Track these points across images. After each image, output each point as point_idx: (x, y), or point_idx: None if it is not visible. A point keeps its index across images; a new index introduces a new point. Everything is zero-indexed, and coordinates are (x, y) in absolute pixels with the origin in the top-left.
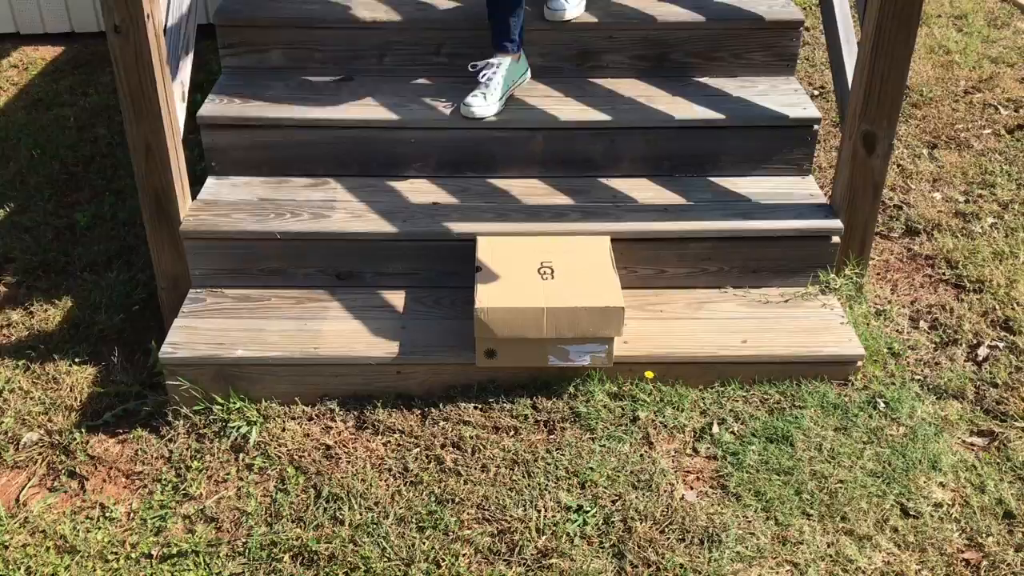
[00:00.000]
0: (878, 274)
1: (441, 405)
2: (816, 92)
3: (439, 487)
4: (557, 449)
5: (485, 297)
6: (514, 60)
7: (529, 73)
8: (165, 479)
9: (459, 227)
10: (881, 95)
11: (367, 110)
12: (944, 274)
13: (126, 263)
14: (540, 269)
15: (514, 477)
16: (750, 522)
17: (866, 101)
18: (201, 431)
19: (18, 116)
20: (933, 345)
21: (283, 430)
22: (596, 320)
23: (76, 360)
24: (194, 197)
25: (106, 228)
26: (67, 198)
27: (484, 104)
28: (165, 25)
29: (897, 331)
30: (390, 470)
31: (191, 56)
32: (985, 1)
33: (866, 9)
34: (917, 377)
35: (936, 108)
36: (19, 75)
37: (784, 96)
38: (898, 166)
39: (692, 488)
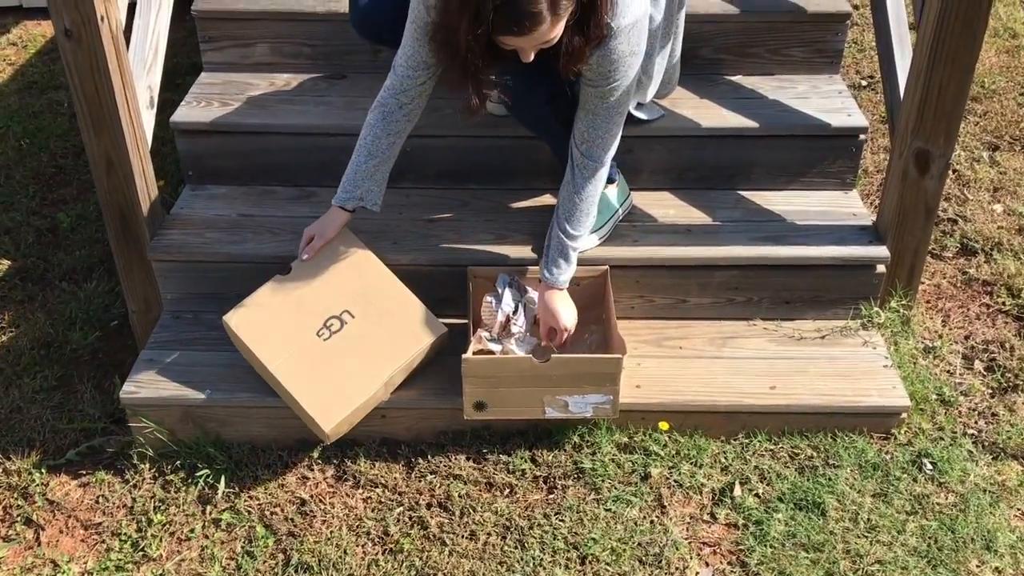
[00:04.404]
0: (927, 301)
1: (429, 455)
2: (864, 82)
3: (420, 558)
4: (556, 514)
5: (470, 349)
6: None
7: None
8: (125, 534)
9: (454, 251)
10: (938, 108)
11: (359, 115)
12: (1004, 304)
13: (107, 271)
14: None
15: (506, 548)
16: None
17: (920, 115)
18: (168, 477)
19: (10, 100)
20: (989, 391)
21: (255, 479)
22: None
23: (43, 386)
24: (170, 209)
25: (90, 230)
26: (53, 194)
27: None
28: (127, 24)
29: (948, 372)
30: (368, 534)
31: (161, 56)
32: None
33: (924, 6)
34: (970, 431)
35: (999, 103)
36: (16, 54)
37: (827, 100)
38: (954, 172)
39: (708, 565)
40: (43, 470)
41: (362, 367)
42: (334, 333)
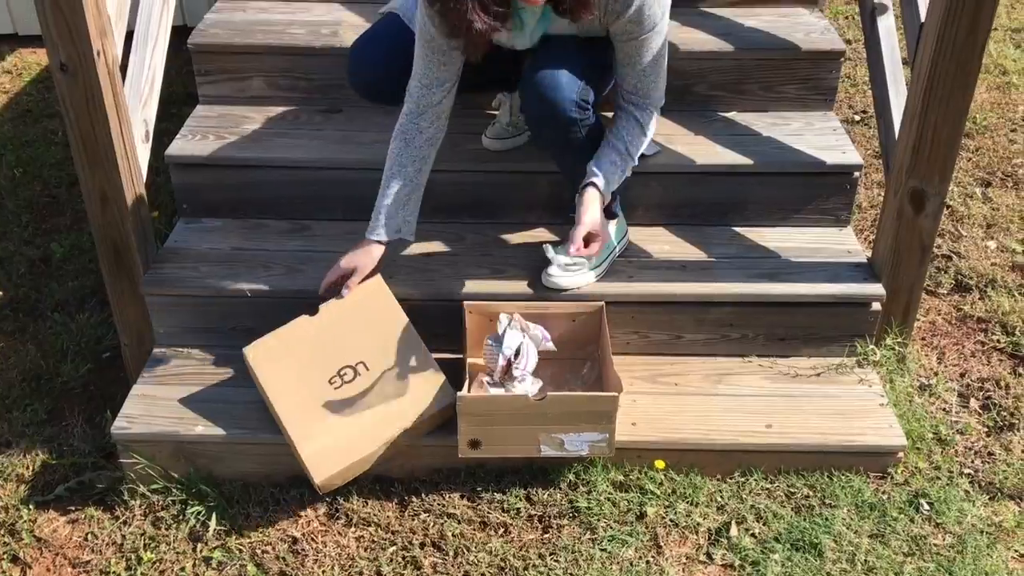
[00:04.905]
0: (923, 338)
1: (423, 493)
2: (857, 117)
3: None
4: (551, 554)
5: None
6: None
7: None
8: (114, 572)
9: (450, 286)
10: (933, 149)
11: (354, 148)
12: (999, 341)
13: (100, 302)
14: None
15: None
16: None
17: (915, 155)
18: (158, 513)
19: (4, 129)
20: (986, 430)
21: (246, 517)
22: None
23: (33, 420)
24: (163, 242)
25: (83, 260)
26: (46, 224)
27: (571, 275)
28: (123, 59)
29: (944, 410)
30: (361, 574)
31: (157, 90)
32: None
33: (918, 46)
34: (967, 471)
35: (991, 139)
36: (11, 82)
37: (821, 136)
38: (947, 208)
39: None
40: (31, 506)
41: (365, 424)
42: (346, 383)
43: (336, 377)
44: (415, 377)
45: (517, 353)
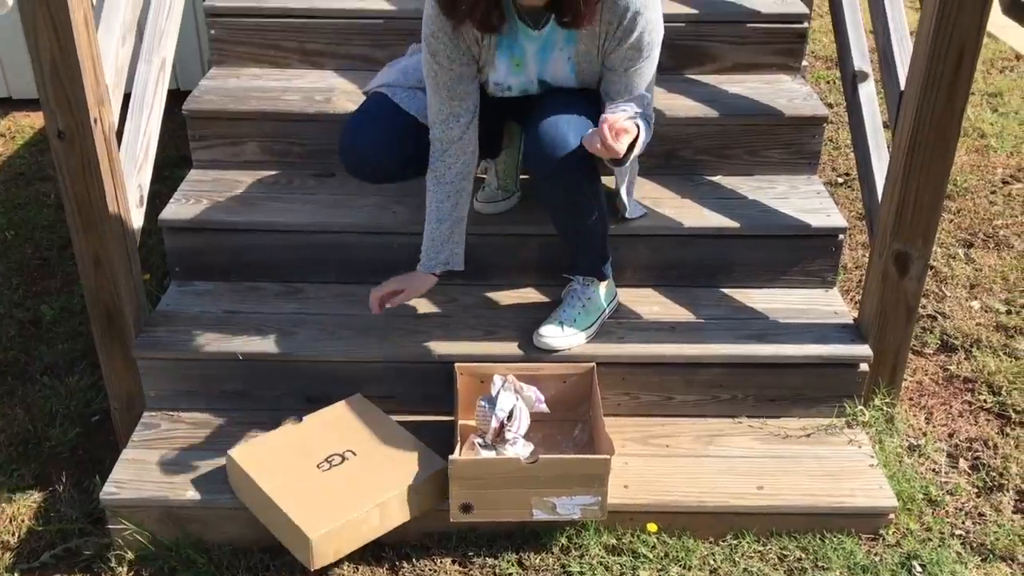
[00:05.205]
0: (910, 398)
1: (414, 558)
2: (841, 179)
3: None
4: None
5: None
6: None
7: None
8: None
9: (441, 348)
10: (915, 213)
11: (347, 212)
12: (986, 401)
13: (90, 365)
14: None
15: None
16: None
17: (898, 219)
18: None
19: None
20: (976, 490)
21: None
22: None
23: (20, 485)
24: (154, 305)
25: (73, 323)
26: (37, 286)
27: (562, 335)
28: (119, 126)
29: (934, 471)
30: None
31: (152, 155)
32: (1021, 78)
33: (899, 113)
34: (958, 532)
35: (972, 200)
36: (4, 145)
37: (805, 200)
38: (931, 268)
39: None
40: (16, 574)
41: (356, 490)
42: (334, 466)
43: (324, 463)
44: (402, 456)
45: (510, 415)
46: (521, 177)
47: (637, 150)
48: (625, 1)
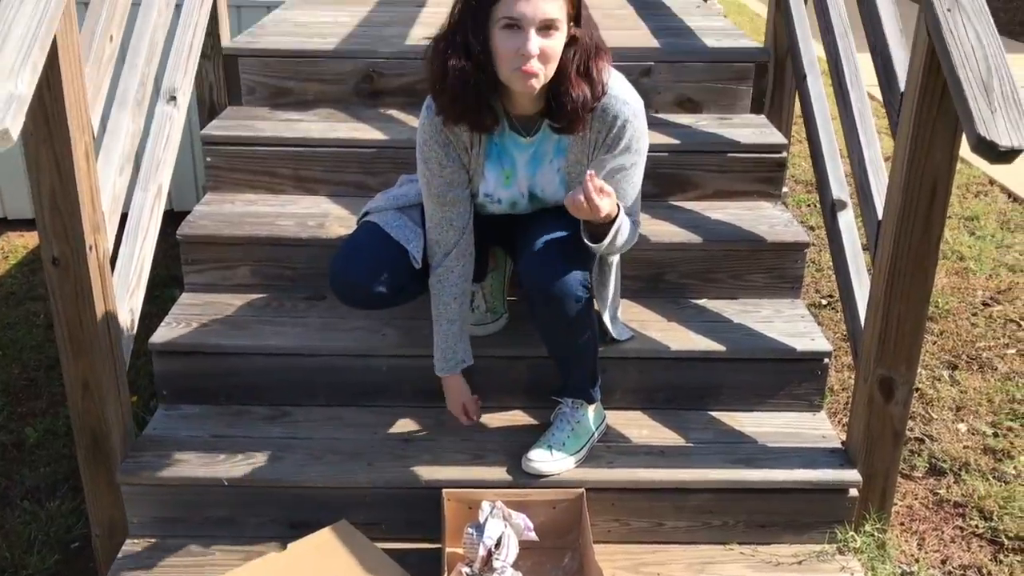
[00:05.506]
0: (901, 523)
1: None
2: (824, 301)
3: None
4: None
5: None
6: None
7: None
8: None
9: (429, 473)
10: (898, 339)
11: (337, 335)
12: (977, 527)
13: (72, 489)
14: None
15: None
16: None
17: (881, 345)
18: None
19: None
20: None
21: None
22: None
23: None
24: (141, 427)
25: (57, 446)
26: (22, 407)
27: (551, 460)
28: (113, 252)
29: None
30: None
31: (145, 279)
32: (995, 202)
33: (877, 242)
34: None
35: (954, 322)
36: None
37: (790, 324)
38: (917, 390)
39: None
40: None
41: None
42: None
43: None
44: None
45: (498, 543)
46: (508, 298)
47: (620, 239)
48: (615, 110)
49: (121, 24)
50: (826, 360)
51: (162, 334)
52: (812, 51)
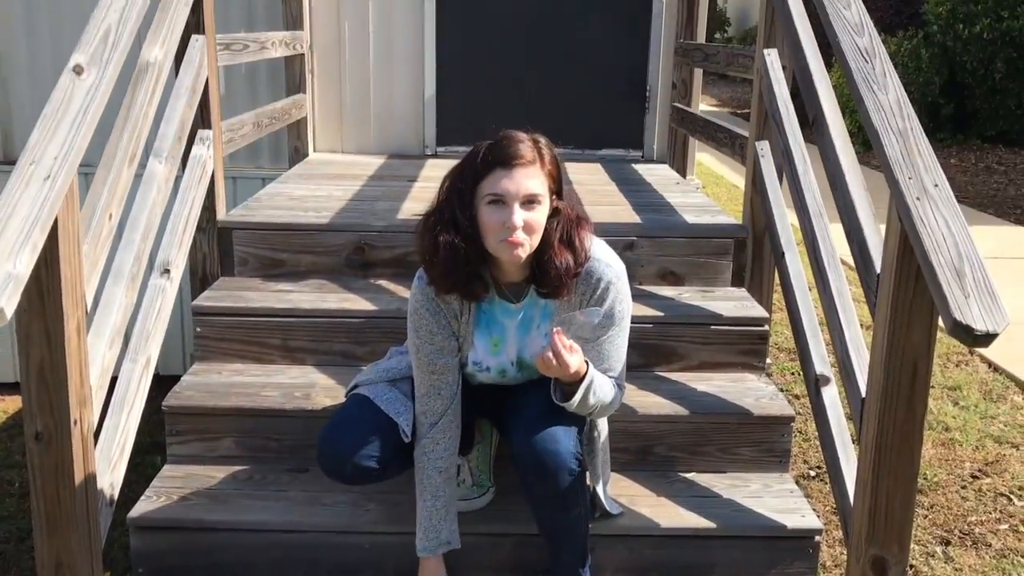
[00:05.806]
0: None
1: None
2: (813, 472)
3: None
4: None
5: None
6: None
7: None
8: None
9: None
10: (888, 518)
11: (319, 511)
12: None
13: None
14: None
15: None
16: None
17: (871, 524)
18: None
19: None
20: None
21: None
22: None
23: None
24: None
25: None
26: None
27: None
28: (97, 425)
29: None
30: None
31: (127, 453)
32: (976, 372)
33: (862, 420)
34: None
35: (944, 496)
36: None
37: (779, 499)
38: (911, 567)
39: None
40: None
41: None
42: None
43: None
44: None
45: None
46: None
47: (593, 398)
48: (598, 273)
49: (121, 202)
50: (817, 538)
51: (142, 508)
52: (789, 229)
